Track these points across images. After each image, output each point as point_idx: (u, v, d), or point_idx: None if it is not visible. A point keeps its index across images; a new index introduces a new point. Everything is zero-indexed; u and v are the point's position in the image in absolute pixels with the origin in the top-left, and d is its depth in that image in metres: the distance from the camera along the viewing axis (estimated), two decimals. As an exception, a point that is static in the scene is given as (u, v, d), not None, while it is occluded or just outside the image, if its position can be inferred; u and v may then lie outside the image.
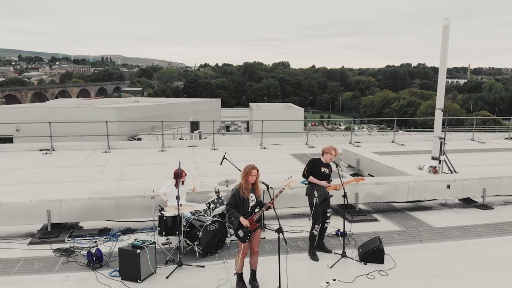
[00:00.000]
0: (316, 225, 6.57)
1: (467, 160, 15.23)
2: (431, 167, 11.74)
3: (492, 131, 21.58)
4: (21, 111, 34.54)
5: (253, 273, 5.66)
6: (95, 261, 6.20)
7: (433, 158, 11.88)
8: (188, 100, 50.84)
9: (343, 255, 6.54)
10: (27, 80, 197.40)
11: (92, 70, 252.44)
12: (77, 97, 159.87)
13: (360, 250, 6.64)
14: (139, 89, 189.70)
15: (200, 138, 33.88)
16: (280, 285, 5.18)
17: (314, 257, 6.53)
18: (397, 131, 22.32)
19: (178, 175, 6.74)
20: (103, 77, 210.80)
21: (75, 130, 24.55)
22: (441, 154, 11.86)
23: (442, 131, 11.87)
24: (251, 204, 5.55)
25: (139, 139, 30.73)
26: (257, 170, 5.55)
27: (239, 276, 5.61)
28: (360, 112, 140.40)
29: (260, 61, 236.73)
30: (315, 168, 6.70)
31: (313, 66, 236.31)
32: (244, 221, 5.33)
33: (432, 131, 12.73)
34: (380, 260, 6.41)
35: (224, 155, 7.68)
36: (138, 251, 5.69)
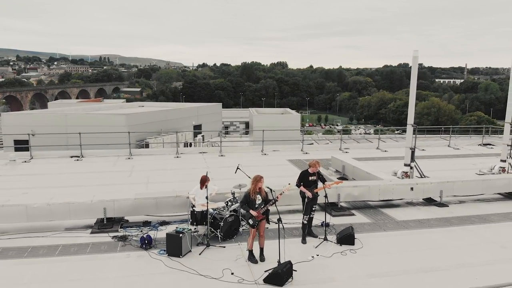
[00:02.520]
0: (305, 216, 9.04)
1: (440, 165, 17.64)
2: (404, 172, 14.22)
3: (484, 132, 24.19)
4: (36, 117, 36.76)
5: (261, 250, 8.11)
6: (147, 243, 8.63)
7: (405, 165, 14.35)
8: (191, 104, 53.16)
9: (325, 239, 9.01)
10: (25, 80, 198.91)
11: (90, 70, 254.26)
12: (77, 98, 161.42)
13: (338, 236, 9.09)
14: (138, 89, 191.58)
15: (203, 141, 36.23)
16: (280, 258, 7.61)
17: (303, 241, 8.99)
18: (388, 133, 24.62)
19: (206, 180, 9.19)
20: (102, 78, 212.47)
21: (93, 135, 26.85)
22: (412, 161, 14.34)
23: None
24: (258, 202, 8.00)
25: (147, 144, 33.10)
26: (263, 179, 8.00)
27: (250, 252, 8.06)
28: (357, 113, 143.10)
29: (258, 61, 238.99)
30: (305, 178, 9.13)
31: (311, 66, 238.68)
32: (253, 213, 7.78)
33: (424, 133, 15.14)
34: (352, 243, 8.87)
35: (238, 166, 10.06)
36: (180, 235, 8.13)
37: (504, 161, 15.71)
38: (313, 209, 9.27)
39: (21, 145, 27.22)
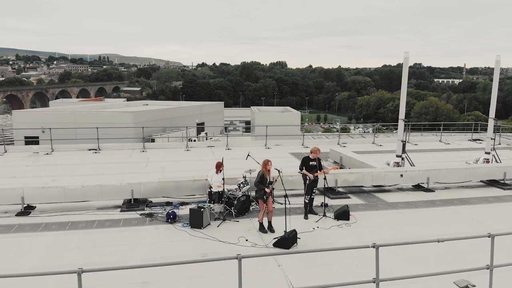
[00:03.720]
0: (306, 196, 10.49)
1: (430, 157, 19.08)
2: (395, 162, 15.66)
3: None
4: (46, 114, 38.19)
5: (270, 223, 9.54)
6: (172, 218, 10.05)
7: (397, 156, 15.80)
8: (194, 103, 54.57)
9: (324, 215, 10.45)
10: (25, 79, 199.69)
11: (90, 70, 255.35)
12: (77, 97, 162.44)
13: (335, 213, 10.52)
14: (138, 89, 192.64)
15: (206, 139, 37.72)
16: (286, 228, 9.03)
17: (305, 217, 10.44)
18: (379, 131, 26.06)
19: (221, 166, 10.62)
20: (102, 77, 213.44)
21: (103, 131, 28.15)
22: (403, 152, 15.78)
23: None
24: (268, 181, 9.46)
25: (153, 140, 34.53)
26: (271, 162, 9.45)
27: (261, 224, 9.50)
28: (356, 112, 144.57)
29: (257, 61, 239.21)
30: (306, 163, 10.58)
31: (310, 66, 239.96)
32: (266, 189, 9.22)
33: (419, 131, 16.52)
34: (347, 218, 10.31)
35: (249, 153, 11.48)
36: (202, 209, 9.57)
37: (488, 153, 17.16)
38: (314, 191, 10.71)
39: (32, 140, 28.69)
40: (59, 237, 9.33)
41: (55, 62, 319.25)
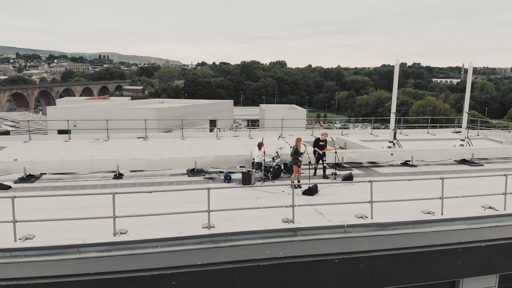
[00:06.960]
0: (316, 164, 14.86)
1: (418, 145, 23.29)
2: (388, 147, 19.94)
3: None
4: (78, 110, 42.35)
5: (299, 181, 13.82)
6: (228, 179, 14.31)
7: (389, 142, 20.09)
8: (207, 101, 58.86)
9: (334, 178, 14.76)
10: (28, 78, 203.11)
11: (91, 68, 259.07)
12: (80, 95, 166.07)
13: (342, 177, 14.80)
14: (140, 87, 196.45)
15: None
16: (310, 184, 13.29)
17: (314, 175, 14.80)
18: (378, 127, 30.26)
19: (262, 144, 14.89)
20: (104, 76, 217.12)
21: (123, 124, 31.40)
22: (394, 139, 20.07)
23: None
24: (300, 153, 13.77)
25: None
26: (301, 139, 13.75)
27: (292, 182, 13.75)
28: (355, 111, 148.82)
29: (257, 60, 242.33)
30: (317, 142, 14.96)
31: (310, 65, 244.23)
32: (300, 158, 13.51)
33: (415, 129, 20.71)
34: (351, 180, 14.58)
35: (280, 136, 15.74)
36: (251, 172, 13.83)
37: (463, 140, 21.45)
38: (324, 160, 15.13)
39: (64, 132, 32.67)
40: (154, 190, 13.53)
41: (55, 61, 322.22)
